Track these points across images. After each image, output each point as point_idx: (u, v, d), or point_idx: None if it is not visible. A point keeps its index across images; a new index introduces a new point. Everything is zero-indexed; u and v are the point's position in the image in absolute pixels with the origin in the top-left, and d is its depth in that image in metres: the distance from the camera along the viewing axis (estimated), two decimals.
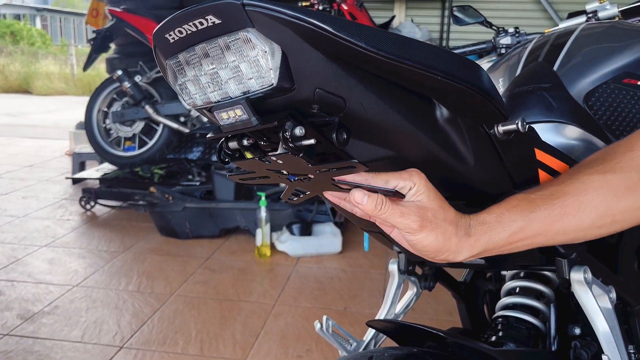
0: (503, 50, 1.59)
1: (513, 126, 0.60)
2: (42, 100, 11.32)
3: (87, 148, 4.29)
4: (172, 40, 0.51)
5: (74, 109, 9.51)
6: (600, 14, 1.44)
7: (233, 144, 0.55)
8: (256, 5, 0.45)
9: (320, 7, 3.45)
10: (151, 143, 3.87)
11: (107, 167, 4.05)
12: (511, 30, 1.59)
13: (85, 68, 4.15)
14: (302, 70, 0.48)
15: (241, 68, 0.49)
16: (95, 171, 4.05)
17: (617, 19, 1.44)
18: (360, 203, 0.54)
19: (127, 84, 3.67)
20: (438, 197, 0.57)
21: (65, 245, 3.05)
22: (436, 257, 0.57)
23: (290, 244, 2.94)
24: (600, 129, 1.03)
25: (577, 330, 0.96)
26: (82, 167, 4.46)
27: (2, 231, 3.23)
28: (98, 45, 3.96)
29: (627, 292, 0.91)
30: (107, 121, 3.92)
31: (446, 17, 4.85)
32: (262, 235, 2.89)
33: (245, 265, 2.83)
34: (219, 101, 0.52)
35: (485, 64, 1.77)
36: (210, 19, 0.47)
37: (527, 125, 0.60)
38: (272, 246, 2.97)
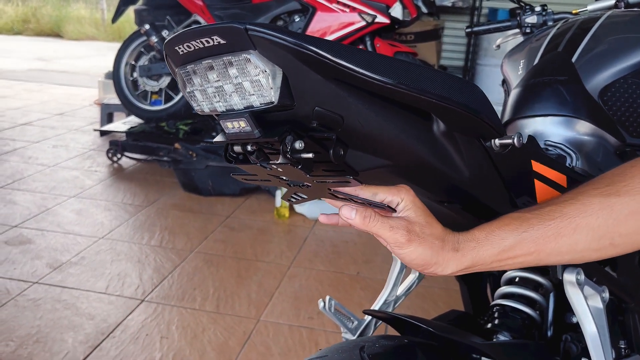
0: (528, 30, 1.55)
1: (509, 140, 0.61)
2: (73, 45, 11.40)
3: (115, 99, 4.36)
4: (181, 53, 0.54)
5: (104, 55, 9.57)
6: None
7: (237, 148, 0.58)
8: (258, 30, 0.48)
9: None
10: (177, 98, 3.92)
11: (133, 121, 4.12)
12: (538, 8, 1.55)
13: (113, 20, 4.17)
14: (302, 90, 0.51)
15: (243, 85, 0.51)
16: (122, 124, 4.13)
17: None
18: (349, 218, 0.57)
19: (154, 39, 3.69)
20: (425, 212, 0.60)
21: (93, 196, 3.17)
22: (425, 269, 0.60)
23: (308, 206, 2.99)
24: (614, 125, 1.03)
25: (575, 319, 0.98)
26: (109, 118, 4.55)
27: (34, 180, 3.36)
28: None
29: (624, 289, 0.93)
30: (135, 74, 3.96)
31: None
32: (281, 196, 2.95)
33: (264, 225, 2.91)
34: (224, 111, 0.55)
35: (510, 39, 1.74)
36: (216, 39, 0.50)
37: (522, 140, 0.61)
38: (291, 208, 3.04)
